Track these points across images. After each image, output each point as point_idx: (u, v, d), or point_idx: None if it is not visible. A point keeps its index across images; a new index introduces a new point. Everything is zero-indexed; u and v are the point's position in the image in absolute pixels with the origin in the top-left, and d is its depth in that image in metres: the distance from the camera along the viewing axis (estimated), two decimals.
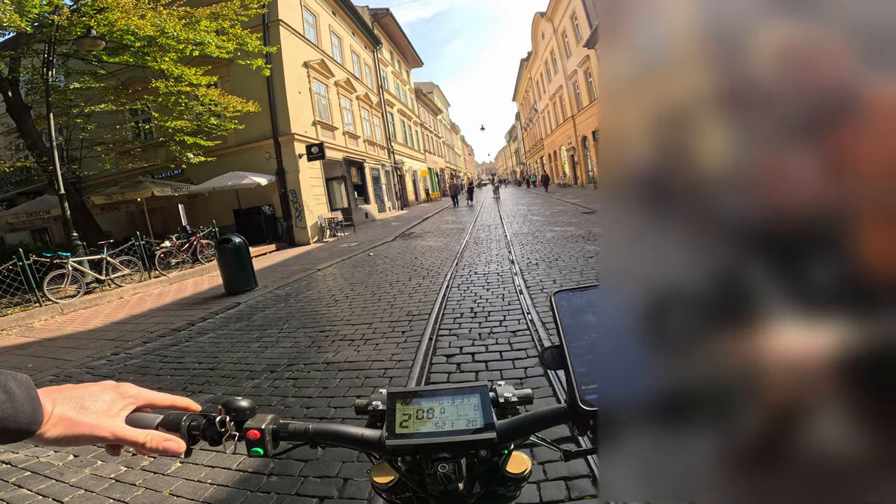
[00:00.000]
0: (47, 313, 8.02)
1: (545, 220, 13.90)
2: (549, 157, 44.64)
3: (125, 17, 9.87)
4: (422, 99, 43.86)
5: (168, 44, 10.96)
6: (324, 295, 7.14)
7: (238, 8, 11.84)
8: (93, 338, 6.25)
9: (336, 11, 21.90)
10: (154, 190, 13.37)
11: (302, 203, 15.56)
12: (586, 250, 7.82)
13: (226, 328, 5.88)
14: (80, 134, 13.93)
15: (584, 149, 29.62)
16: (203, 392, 3.88)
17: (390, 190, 28.48)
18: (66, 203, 9.88)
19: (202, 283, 9.53)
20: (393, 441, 0.62)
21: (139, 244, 10.32)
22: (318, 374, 3.90)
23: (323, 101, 18.98)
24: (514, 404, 0.69)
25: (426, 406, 0.64)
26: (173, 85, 11.78)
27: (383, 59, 30.71)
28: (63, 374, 4.93)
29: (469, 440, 0.60)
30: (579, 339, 0.58)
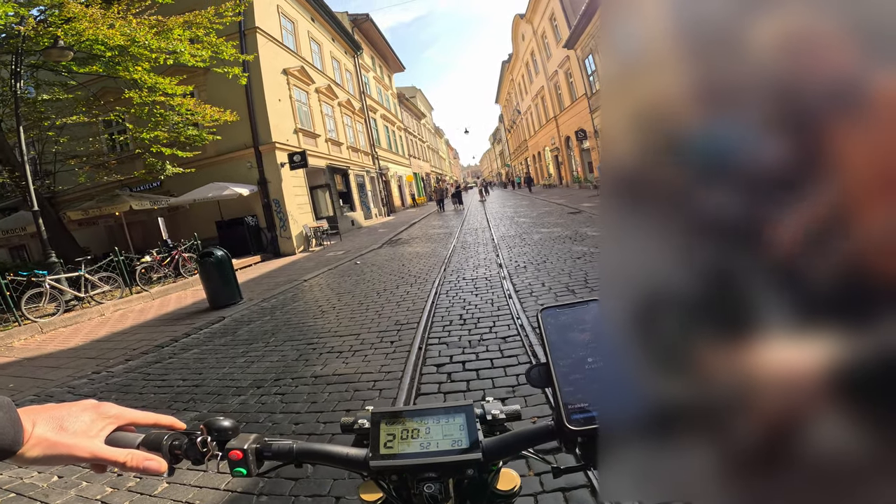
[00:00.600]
0: (26, 332, 7.84)
1: (532, 221, 13.92)
2: (533, 158, 44.90)
3: (93, 26, 9.64)
4: (405, 103, 43.81)
5: (140, 53, 10.71)
6: (310, 306, 7.03)
7: (212, 16, 11.66)
8: (73, 356, 6.12)
9: (315, 18, 21.77)
10: (132, 203, 13.10)
11: (286, 213, 15.36)
12: (574, 251, 7.81)
13: (210, 343, 5.75)
14: (53, 147, 13.56)
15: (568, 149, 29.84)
16: (188, 410, 3.78)
17: (376, 196, 28.33)
18: (41, 219, 9.60)
19: (185, 298, 9.34)
20: (377, 462, 0.61)
21: (118, 259, 10.09)
22: (305, 389, 3.82)
23: (304, 108, 18.79)
24: (502, 421, 0.69)
25: (411, 426, 0.63)
26: (147, 95, 11.49)
27: (364, 65, 30.59)
28: (44, 393, 4.83)
29: (454, 461, 0.60)
30: (566, 356, 0.58)
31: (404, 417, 0.64)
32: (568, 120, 28.33)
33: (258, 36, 15.61)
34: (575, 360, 0.57)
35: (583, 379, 0.55)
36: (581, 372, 0.56)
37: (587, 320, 0.60)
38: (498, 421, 0.69)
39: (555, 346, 0.59)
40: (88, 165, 14.43)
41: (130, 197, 13.71)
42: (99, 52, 10.39)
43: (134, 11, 10.79)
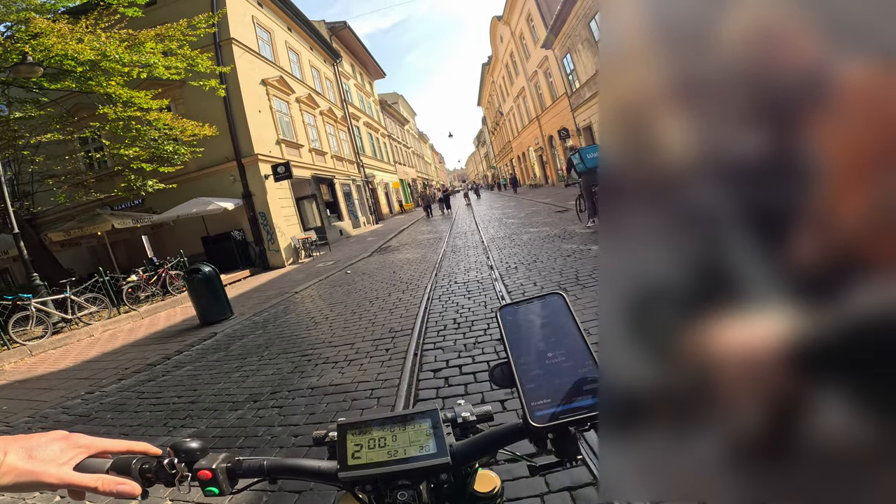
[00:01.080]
0: (16, 356, 7.77)
1: (520, 222, 13.99)
2: (518, 158, 45.15)
3: (62, 41, 9.48)
4: (387, 110, 43.79)
5: (112, 67, 10.54)
6: (303, 318, 6.99)
7: (185, 28, 11.52)
8: (65, 378, 6.06)
9: (291, 27, 21.69)
10: (114, 222, 12.87)
11: (273, 225, 15.23)
12: (563, 249, 7.87)
13: (203, 360, 5.69)
14: (30, 167, 13.27)
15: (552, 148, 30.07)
16: (185, 427, 3.74)
17: (363, 204, 28.25)
18: (22, 242, 9.45)
19: (175, 316, 9.22)
20: (346, 473, 0.61)
21: (104, 280, 9.94)
22: (303, 401, 3.79)
23: (285, 118, 18.68)
24: (473, 423, 0.69)
25: (377, 435, 0.63)
26: (122, 110, 11.25)
27: (345, 73, 30.53)
28: (38, 414, 4.79)
29: (422, 466, 0.59)
30: (527, 353, 0.58)
31: (370, 426, 0.64)
32: (550, 119, 28.55)
33: (234, 47, 15.49)
34: (536, 356, 0.57)
35: (544, 374, 0.55)
36: (542, 367, 0.56)
37: (546, 315, 0.61)
38: (469, 423, 0.68)
39: (515, 343, 0.59)
40: (67, 185, 14.11)
41: (112, 216, 13.47)
42: (69, 67, 10.22)
43: (103, 26, 10.63)
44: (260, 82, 16.97)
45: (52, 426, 4.42)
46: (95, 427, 4.19)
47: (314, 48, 24.88)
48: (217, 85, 12.48)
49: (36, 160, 13.09)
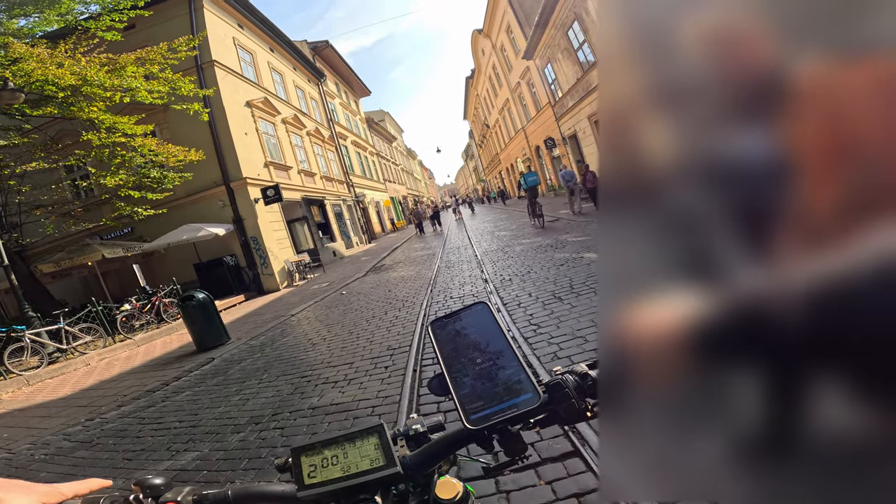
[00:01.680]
0: (13, 385, 7.79)
1: (512, 234, 14.09)
2: (506, 170, 45.24)
3: (41, 66, 9.49)
4: (374, 128, 43.96)
5: (94, 92, 10.54)
6: (300, 340, 6.99)
7: (165, 52, 11.57)
8: (64, 405, 6.06)
9: (274, 48, 21.84)
10: (104, 252, 12.81)
11: (265, 249, 15.20)
12: (556, 258, 7.96)
13: (202, 384, 5.68)
14: (17, 198, 13.16)
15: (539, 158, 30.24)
16: (188, 450, 3.74)
17: (355, 224, 28.26)
18: (13, 275, 9.38)
19: (171, 343, 9.17)
20: (304, 492, 0.63)
21: (97, 310, 9.88)
22: (304, 421, 3.81)
23: (272, 140, 18.72)
24: (425, 433, 0.71)
25: (329, 454, 0.66)
26: (106, 136, 11.21)
27: (330, 92, 30.68)
28: (40, 441, 4.81)
29: (375, 478, 0.62)
30: (458, 362, 0.62)
31: (321, 446, 0.67)
32: (536, 129, 28.75)
33: (216, 69, 15.54)
34: (466, 363, 0.62)
35: (476, 380, 0.60)
36: (473, 373, 0.60)
37: (472, 324, 0.66)
38: (421, 434, 0.71)
39: (446, 354, 0.63)
40: (54, 215, 14.03)
41: (102, 245, 13.42)
42: (51, 92, 10.23)
43: (82, 50, 10.64)
44: (245, 104, 17.00)
45: (54, 453, 4.43)
46: (99, 453, 4.20)
47: (298, 68, 25.02)
48: (200, 108, 12.46)
49: (23, 190, 13.00)
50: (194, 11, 15.50)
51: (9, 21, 9.89)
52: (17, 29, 10.01)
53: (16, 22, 10.04)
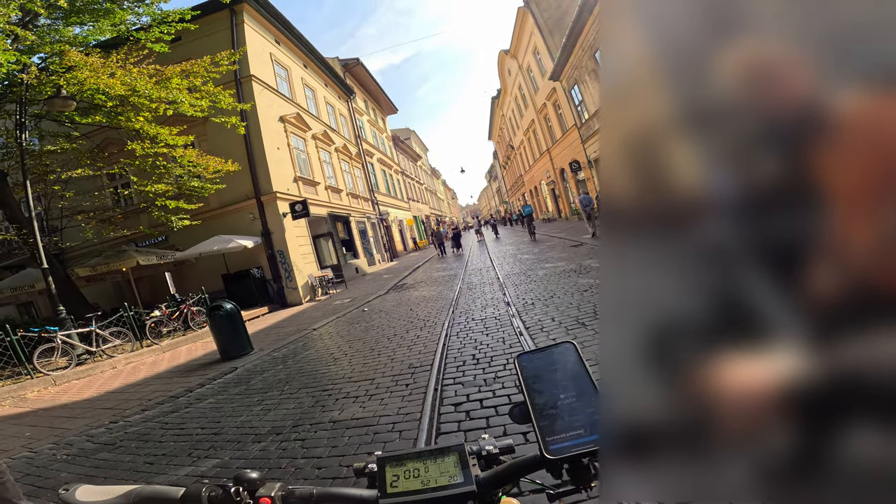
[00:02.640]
0: (39, 385, 7.97)
1: (534, 257, 14.06)
2: (530, 192, 45.10)
3: (94, 75, 9.78)
4: (400, 146, 44.43)
5: (140, 103, 10.85)
6: (322, 354, 7.07)
7: (208, 65, 11.93)
8: (89, 407, 6.19)
9: (307, 64, 22.41)
10: (139, 259, 13.23)
11: (290, 263, 15.46)
12: (580, 284, 7.91)
13: (225, 393, 5.78)
14: (59, 202, 13.70)
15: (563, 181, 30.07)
16: (209, 457, 3.81)
17: (378, 242, 28.48)
18: (51, 277, 9.71)
19: (196, 350, 9.37)
20: (385, 500, 0.68)
21: (129, 315, 10.17)
22: (325, 434, 3.84)
23: (302, 155, 19.08)
24: (497, 455, 0.76)
25: (412, 466, 0.71)
26: (149, 146, 11.55)
27: (358, 108, 31.15)
28: (62, 442, 4.90)
29: (451, 494, 0.66)
30: (541, 394, 0.66)
31: (406, 459, 0.72)
32: (561, 152, 28.64)
33: (254, 84, 16.05)
34: (549, 396, 0.65)
35: (557, 413, 0.63)
36: (555, 407, 0.64)
37: (558, 361, 0.69)
38: (493, 455, 0.76)
39: (531, 386, 0.67)
40: (95, 220, 14.52)
41: (137, 252, 13.86)
42: (100, 101, 10.55)
43: (133, 60, 11.01)
44: (278, 119, 17.42)
45: (76, 454, 4.52)
46: (121, 455, 4.27)
47: (329, 84, 25.55)
48: (237, 122, 12.79)
49: (66, 196, 13.51)
50: (235, 26, 16.11)
51: (65, 28, 10.27)
52: (73, 37, 10.35)
53: (71, 30, 10.40)
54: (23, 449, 4.80)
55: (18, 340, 8.28)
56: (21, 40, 9.38)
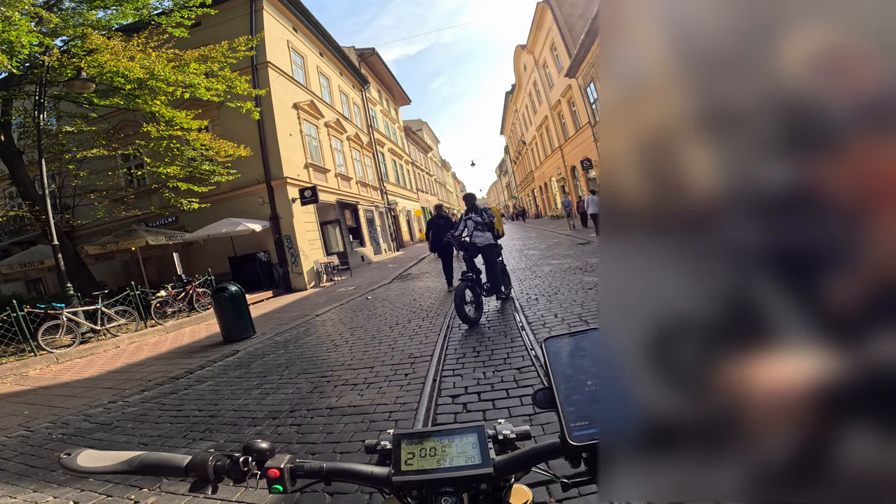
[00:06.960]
0: (42, 362, 8.01)
1: (541, 253, 13.97)
2: (539, 189, 45.03)
3: (114, 58, 9.89)
4: (411, 137, 44.40)
5: (158, 86, 10.95)
6: (323, 340, 7.07)
7: (226, 50, 12.01)
8: (89, 386, 6.21)
9: (323, 52, 22.41)
10: (148, 239, 13.32)
11: (297, 248, 15.52)
12: (585, 282, 7.84)
13: (225, 376, 5.79)
14: (73, 181, 13.88)
15: (574, 178, 29.96)
16: (204, 440, 3.81)
17: (385, 231, 28.52)
18: (60, 254, 9.79)
19: (199, 332, 9.42)
20: (399, 477, 0.67)
21: (135, 294, 10.24)
22: (321, 420, 3.83)
23: (314, 142, 19.14)
24: (513, 440, 0.74)
25: (429, 445, 0.69)
26: (164, 129, 11.69)
27: (371, 98, 31.14)
28: (60, 421, 4.91)
29: (468, 475, 0.65)
30: (567, 380, 0.63)
31: (423, 437, 0.70)
32: (573, 149, 28.54)
33: (269, 70, 16.08)
34: (576, 383, 0.62)
35: (583, 399, 0.60)
36: (581, 393, 0.61)
37: (586, 347, 0.66)
38: (509, 440, 0.74)
39: (557, 371, 0.64)
40: (107, 200, 14.69)
41: (147, 232, 13.94)
42: (119, 84, 10.65)
43: (153, 45, 11.12)
44: (292, 106, 17.48)
45: (72, 433, 4.53)
46: (116, 436, 4.28)
47: (343, 73, 25.56)
48: (252, 107, 12.87)
49: (80, 175, 13.69)
50: (255, 13, 16.11)
51: (88, 12, 10.35)
52: (96, 21, 10.45)
53: (95, 13, 10.50)
54: (19, 427, 4.81)
55: (24, 317, 8.32)
56: (45, 23, 9.51)
